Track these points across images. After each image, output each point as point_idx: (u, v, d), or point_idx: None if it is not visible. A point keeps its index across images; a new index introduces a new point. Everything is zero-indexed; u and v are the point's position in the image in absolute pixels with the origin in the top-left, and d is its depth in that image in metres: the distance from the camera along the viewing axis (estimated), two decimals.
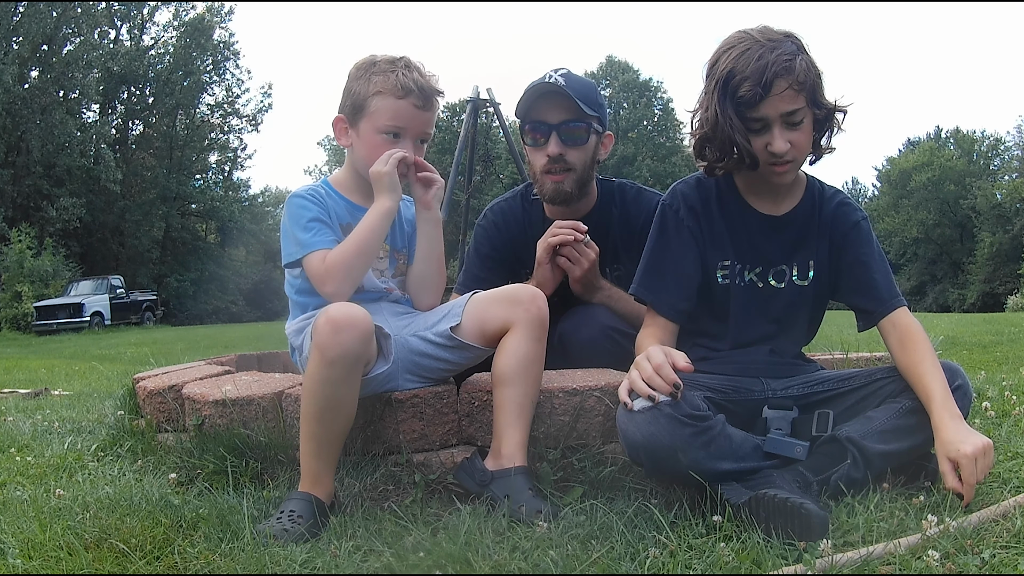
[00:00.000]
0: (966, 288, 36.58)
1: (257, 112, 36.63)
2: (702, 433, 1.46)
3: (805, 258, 1.77)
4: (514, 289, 1.76)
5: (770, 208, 1.77)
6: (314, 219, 1.71)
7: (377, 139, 1.73)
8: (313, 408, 1.52)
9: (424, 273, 1.85)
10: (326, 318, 1.48)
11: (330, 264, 1.66)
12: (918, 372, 1.58)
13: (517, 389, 1.64)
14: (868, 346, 2.34)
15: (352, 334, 1.48)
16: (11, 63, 24.58)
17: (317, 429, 1.53)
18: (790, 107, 1.57)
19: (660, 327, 1.74)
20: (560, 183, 2.10)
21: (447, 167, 8.72)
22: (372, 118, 1.73)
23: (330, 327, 1.47)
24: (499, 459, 1.61)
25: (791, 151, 1.61)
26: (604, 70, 41.85)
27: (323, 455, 1.55)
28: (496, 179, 14.53)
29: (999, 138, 40.97)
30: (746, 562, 1.22)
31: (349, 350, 1.48)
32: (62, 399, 4.07)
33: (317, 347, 1.48)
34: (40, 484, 1.87)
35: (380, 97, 1.72)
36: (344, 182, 1.83)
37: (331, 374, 1.49)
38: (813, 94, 1.61)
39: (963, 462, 1.41)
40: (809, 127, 1.64)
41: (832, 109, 1.66)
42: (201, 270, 34.09)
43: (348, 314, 1.49)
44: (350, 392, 1.54)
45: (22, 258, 21.03)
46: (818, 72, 1.62)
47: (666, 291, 1.75)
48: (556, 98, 2.06)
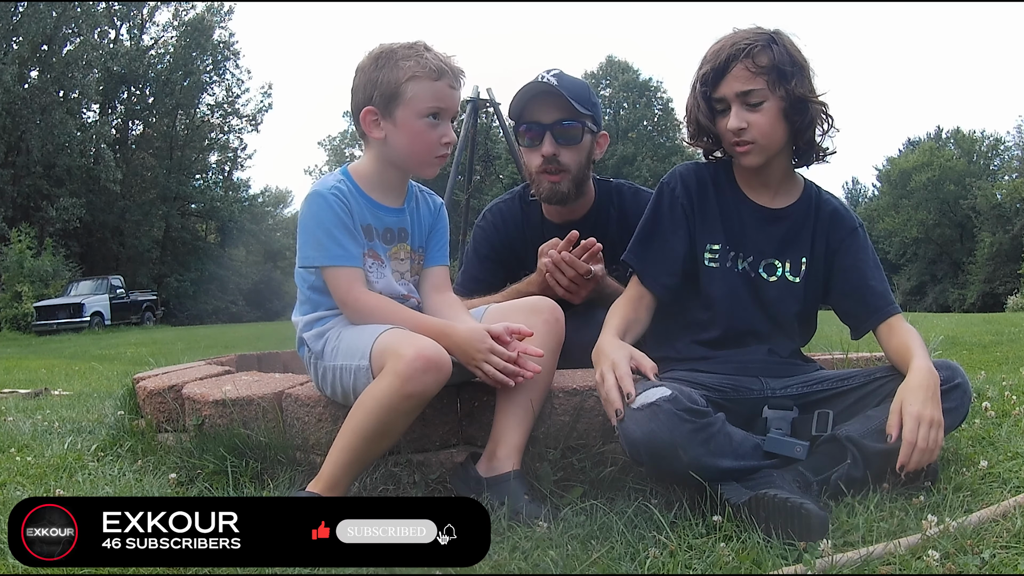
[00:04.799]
0: (966, 288, 36.56)
1: (257, 112, 36.64)
2: (702, 430, 1.47)
3: (797, 255, 1.79)
4: (535, 300, 1.77)
5: (765, 201, 1.80)
6: (340, 226, 1.64)
7: (419, 124, 1.67)
8: (366, 426, 1.50)
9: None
10: (417, 352, 1.46)
11: (361, 305, 1.63)
12: (906, 344, 1.65)
13: (522, 395, 1.63)
14: (868, 346, 2.33)
15: (437, 377, 1.47)
16: (11, 63, 24.56)
17: (360, 445, 1.51)
18: (745, 87, 1.66)
19: (635, 297, 1.78)
20: (557, 183, 2.11)
21: (447, 167, 8.72)
22: (411, 104, 1.66)
23: (422, 364, 1.45)
24: (493, 462, 1.60)
25: (749, 131, 1.68)
26: (604, 70, 41.83)
27: (354, 470, 1.54)
28: (496, 179, 14.55)
29: (999, 138, 40.97)
30: (746, 562, 1.22)
31: (428, 390, 1.48)
32: (62, 399, 4.07)
33: (399, 376, 1.45)
34: (40, 484, 1.87)
35: (415, 82, 1.65)
36: (366, 176, 1.74)
37: (402, 405, 1.48)
38: (779, 80, 1.66)
39: (905, 418, 1.48)
40: (773, 112, 1.68)
41: (803, 99, 1.67)
42: (201, 270, 34.08)
43: (440, 356, 1.48)
44: (407, 424, 1.54)
45: (22, 258, 21.01)
46: (795, 63, 1.68)
47: (652, 263, 1.79)
48: (549, 98, 2.07)
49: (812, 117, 1.70)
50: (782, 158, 1.78)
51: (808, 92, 1.69)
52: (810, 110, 1.70)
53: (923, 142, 42.70)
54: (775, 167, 1.79)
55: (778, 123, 1.70)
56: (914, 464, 1.47)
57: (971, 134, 41.96)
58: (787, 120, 1.70)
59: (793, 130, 1.72)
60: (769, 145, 1.71)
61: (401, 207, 1.78)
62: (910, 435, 1.46)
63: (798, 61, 1.69)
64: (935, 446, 1.47)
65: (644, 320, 1.78)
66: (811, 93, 1.69)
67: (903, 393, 1.52)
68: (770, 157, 1.74)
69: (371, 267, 1.71)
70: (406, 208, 1.78)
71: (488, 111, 9.39)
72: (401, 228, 1.77)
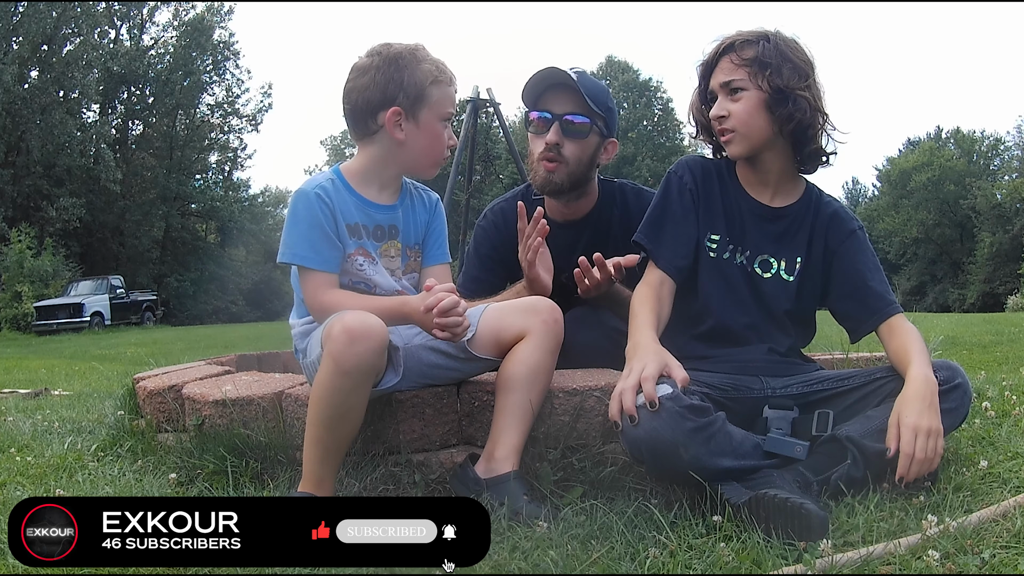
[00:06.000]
0: (966, 288, 36.54)
1: (257, 112, 36.60)
2: (703, 428, 1.47)
3: (793, 254, 1.80)
4: (533, 300, 1.76)
5: (764, 199, 1.82)
6: (317, 228, 1.65)
7: (439, 128, 1.72)
8: (322, 415, 1.51)
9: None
10: (342, 327, 1.46)
11: (325, 305, 1.63)
12: (905, 348, 1.65)
13: (521, 396, 1.63)
14: (868, 346, 2.33)
15: (368, 345, 1.47)
16: (11, 63, 24.56)
17: (324, 435, 1.52)
18: (727, 77, 1.74)
19: (656, 283, 1.77)
20: (551, 172, 2.11)
21: (447, 167, 8.72)
22: (435, 107, 1.70)
23: (346, 337, 1.45)
24: (491, 463, 1.60)
25: (729, 120, 1.74)
26: (604, 70, 41.78)
27: (328, 460, 1.54)
28: (496, 179, 14.54)
29: (999, 138, 40.93)
30: (746, 562, 1.22)
31: (364, 361, 1.47)
32: (62, 399, 4.07)
33: (331, 356, 1.46)
34: (40, 484, 1.87)
35: (437, 86, 1.70)
36: (358, 174, 1.75)
37: (343, 384, 1.48)
38: (760, 71, 1.69)
39: (902, 429, 1.48)
40: (752, 102, 1.72)
41: (785, 89, 1.69)
42: (201, 270, 34.08)
43: (365, 324, 1.47)
44: (360, 401, 1.53)
45: (22, 258, 21.00)
46: (785, 59, 1.70)
47: (665, 244, 1.80)
48: (564, 90, 2.08)
49: (798, 110, 1.70)
50: (777, 156, 1.79)
51: (795, 85, 1.69)
52: (794, 101, 1.69)
53: (923, 142, 42.68)
54: (771, 165, 1.79)
55: (758, 112, 1.72)
56: (913, 475, 1.48)
57: (971, 134, 41.96)
58: (769, 111, 1.72)
59: (778, 121, 1.72)
60: (749, 134, 1.74)
61: (394, 204, 1.78)
62: (907, 447, 1.46)
63: (789, 58, 1.70)
64: (934, 455, 1.48)
65: (669, 308, 1.77)
66: (799, 87, 1.69)
67: (900, 405, 1.52)
68: (755, 147, 1.76)
69: (363, 265, 1.72)
70: (399, 205, 1.79)
71: (488, 111, 9.37)
72: (392, 225, 1.77)
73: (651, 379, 1.47)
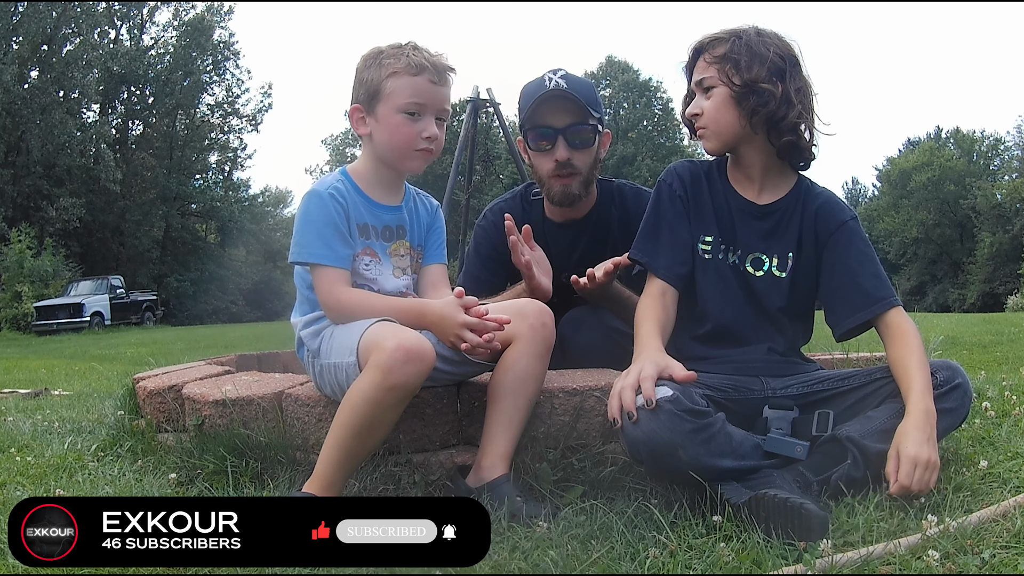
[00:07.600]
0: (966, 288, 36.55)
1: (257, 112, 36.59)
2: (702, 430, 1.47)
3: (783, 250, 1.79)
4: (520, 303, 1.75)
5: (751, 196, 1.82)
6: (331, 226, 1.67)
7: (397, 119, 1.71)
8: (353, 421, 1.50)
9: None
10: (398, 343, 1.46)
11: (340, 303, 1.64)
12: (904, 365, 1.61)
13: (508, 404, 1.63)
14: (868, 346, 2.33)
15: (419, 368, 1.47)
16: (11, 63, 24.56)
17: (350, 442, 1.51)
18: (700, 76, 1.77)
19: (658, 294, 1.77)
20: (568, 186, 2.12)
21: (447, 167, 8.72)
22: (390, 99, 1.71)
23: (402, 355, 1.45)
24: (480, 473, 1.60)
25: (701, 117, 1.77)
26: (604, 70, 41.81)
27: (344, 466, 1.54)
28: (496, 179, 14.53)
29: (999, 138, 40.96)
30: (746, 562, 1.22)
31: (411, 382, 1.48)
32: (62, 399, 4.07)
33: (380, 369, 1.45)
34: (40, 484, 1.87)
35: (395, 78, 1.70)
36: (363, 174, 1.78)
37: (386, 398, 1.47)
38: (732, 69, 1.70)
39: (902, 461, 1.47)
40: (720, 98, 1.73)
41: (750, 83, 1.69)
42: (201, 270, 34.08)
43: (421, 346, 1.48)
44: (394, 417, 1.53)
45: (22, 258, 21.01)
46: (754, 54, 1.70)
47: (662, 254, 1.80)
48: (561, 102, 2.06)
49: (762, 103, 1.68)
50: (756, 151, 1.78)
51: (760, 78, 1.68)
52: (759, 94, 1.68)
53: (923, 142, 42.69)
54: (752, 160, 1.79)
55: (725, 108, 1.73)
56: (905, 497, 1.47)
57: (971, 134, 41.98)
58: (738, 105, 1.72)
59: (747, 115, 1.71)
60: (719, 130, 1.75)
61: (399, 205, 1.81)
62: (905, 479, 1.46)
63: (759, 52, 1.69)
64: (926, 487, 1.47)
65: (673, 316, 1.77)
66: (764, 80, 1.68)
67: (900, 436, 1.51)
68: (727, 143, 1.77)
69: (368, 265, 1.73)
70: (404, 206, 1.81)
71: (488, 111, 9.37)
72: (399, 225, 1.80)
73: (650, 379, 1.48)
